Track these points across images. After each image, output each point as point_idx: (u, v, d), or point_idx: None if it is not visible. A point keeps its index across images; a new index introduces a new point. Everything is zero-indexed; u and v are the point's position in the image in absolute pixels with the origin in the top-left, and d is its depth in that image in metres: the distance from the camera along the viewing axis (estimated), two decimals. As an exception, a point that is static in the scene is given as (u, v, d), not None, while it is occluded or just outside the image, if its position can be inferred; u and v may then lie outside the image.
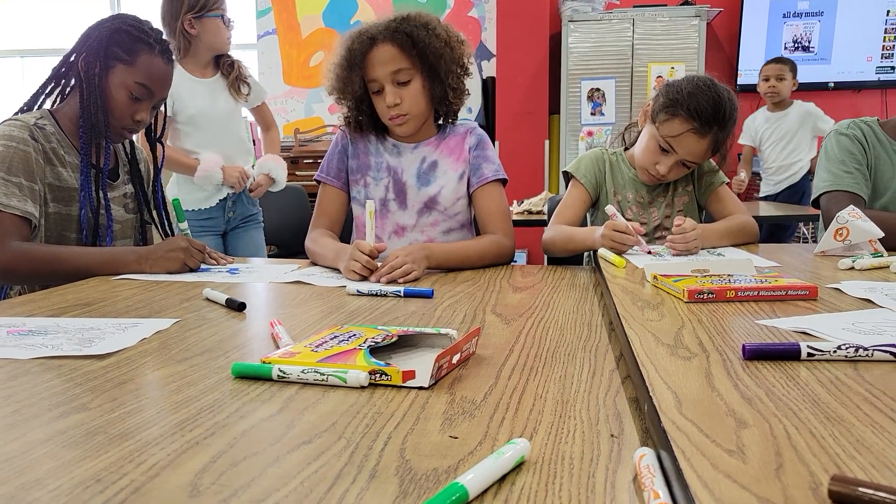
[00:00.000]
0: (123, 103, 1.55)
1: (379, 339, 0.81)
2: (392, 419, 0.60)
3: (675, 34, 4.47)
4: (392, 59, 1.55)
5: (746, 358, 0.68)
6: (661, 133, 1.63)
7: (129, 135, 1.63)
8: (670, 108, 1.62)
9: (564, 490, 0.47)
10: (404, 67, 1.56)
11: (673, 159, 1.65)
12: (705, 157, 1.67)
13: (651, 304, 0.97)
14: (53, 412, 0.63)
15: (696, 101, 1.58)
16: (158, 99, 1.60)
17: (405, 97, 1.58)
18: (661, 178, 1.69)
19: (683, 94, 1.60)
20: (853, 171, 1.70)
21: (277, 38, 5.28)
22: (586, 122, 4.64)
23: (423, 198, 1.67)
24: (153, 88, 1.56)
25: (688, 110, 1.58)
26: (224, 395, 0.67)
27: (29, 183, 1.45)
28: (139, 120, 1.57)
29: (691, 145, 1.61)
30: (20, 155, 1.45)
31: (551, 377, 0.72)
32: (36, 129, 1.49)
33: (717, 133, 1.61)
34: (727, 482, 0.42)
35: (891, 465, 0.44)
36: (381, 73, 1.56)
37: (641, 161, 1.71)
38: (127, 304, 1.16)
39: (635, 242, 1.48)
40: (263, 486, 0.48)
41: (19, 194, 1.43)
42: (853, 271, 1.23)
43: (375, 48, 1.56)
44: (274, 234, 3.10)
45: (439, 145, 1.69)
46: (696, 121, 1.58)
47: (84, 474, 0.50)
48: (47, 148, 1.51)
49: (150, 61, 1.55)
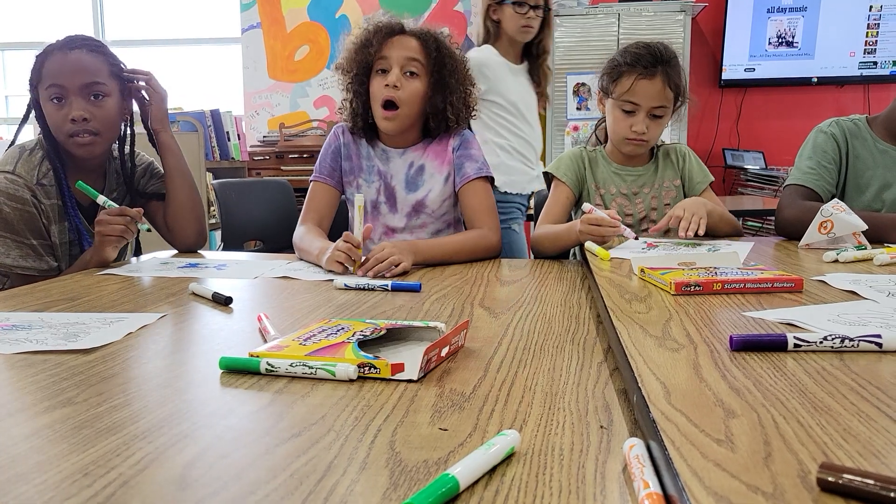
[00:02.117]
0: (53, 114, 1.51)
1: (367, 333, 0.80)
2: (381, 412, 0.60)
3: (661, 29, 4.48)
4: (411, 49, 1.60)
5: (734, 349, 0.68)
6: (616, 96, 1.68)
7: (81, 139, 1.52)
8: (613, 72, 1.69)
9: (555, 480, 0.47)
10: (419, 61, 1.60)
11: (641, 114, 1.67)
12: (668, 99, 1.68)
13: (638, 296, 0.97)
14: (38, 407, 0.62)
15: (628, 54, 1.66)
16: (83, 86, 1.51)
17: (406, 87, 1.60)
18: (642, 138, 1.69)
19: (617, 55, 1.70)
20: (815, 168, 1.74)
21: (262, 32, 5.24)
22: (572, 116, 4.65)
23: (411, 201, 1.69)
24: (63, 82, 1.50)
25: (627, 64, 1.65)
26: (212, 389, 0.67)
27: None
28: (74, 118, 1.50)
29: (647, 89, 1.65)
30: (25, 216, 1.50)
31: (540, 370, 0.72)
32: (38, 189, 1.52)
33: (667, 70, 1.65)
34: (716, 471, 0.42)
35: (877, 453, 0.44)
36: (396, 54, 1.59)
37: (617, 133, 1.72)
38: (112, 298, 1.15)
39: (614, 231, 1.48)
40: (253, 478, 0.48)
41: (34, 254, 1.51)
42: (837, 264, 1.24)
43: (400, 35, 1.61)
44: (259, 229, 3.08)
45: (426, 149, 1.71)
46: (639, 65, 1.64)
47: (71, 468, 0.49)
48: (47, 206, 1.53)
49: (51, 63, 1.51)
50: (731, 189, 4.48)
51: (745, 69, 4.70)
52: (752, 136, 4.75)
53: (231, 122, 4.28)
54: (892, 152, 1.70)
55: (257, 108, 5.29)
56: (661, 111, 1.68)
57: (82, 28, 5.33)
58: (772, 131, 4.68)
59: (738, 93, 4.39)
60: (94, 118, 1.51)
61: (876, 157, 1.71)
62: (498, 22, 2.42)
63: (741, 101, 4.30)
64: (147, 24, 5.59)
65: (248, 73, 5.28)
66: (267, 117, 5.27)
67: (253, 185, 3.32)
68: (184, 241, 1.71)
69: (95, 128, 1.52)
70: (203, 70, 5.64)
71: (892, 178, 1.68)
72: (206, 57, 5.65)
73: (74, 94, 1.50)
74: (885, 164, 1.70)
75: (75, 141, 1.51)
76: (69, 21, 5.25)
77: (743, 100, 4.28)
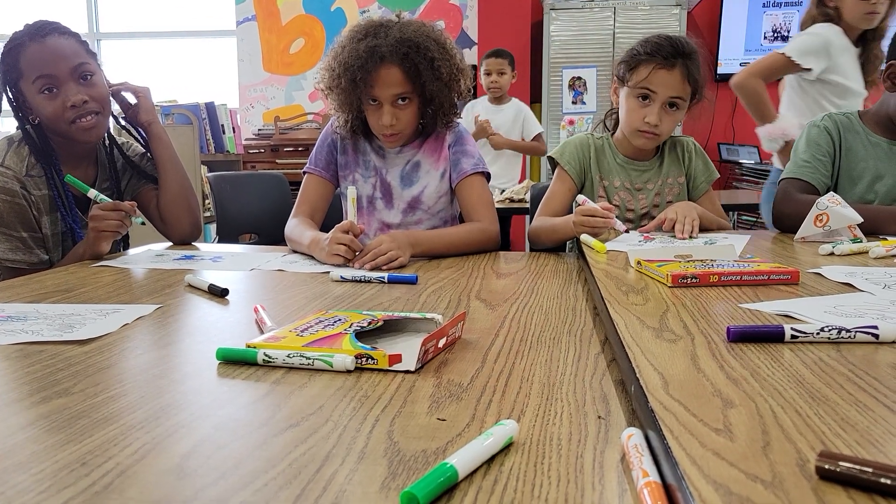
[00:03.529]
0: (47, 105, 1.49)
1: (365, 324, 0.80)
2: (379, 402, 0.60)
3: (657, 23, 4.48)
4: (396, 83, 1.55)
5: (731, 340, 0.68)
6: (633, 84, 1.66)
7: (86, 122, 1.52)
8: (631, 60, 1.67)
9: (553, 470, 0.47)
10: (406, 92, 1.57)
11: (657, 104, 1.64)
12: (686, 92, 1.66)
13: (635, 288, 0.98)
14: (35, 397, 0.62)
15: (650, 43, 1.65)
16: (71, 71, 1.50)
17: (401, 117, 1.59)
18: (655, 131, 1.66)
19: (637, 45, 1.68)
20: (811, 161, 1.75)
21: (257, 25, 5.22)
22: (568, 110, 4.65)
23: (407, 198, 1.69)
24: (51, 71, 1.48)
25: (647, 53, 1.64)
26: (209, 380, 0.67)
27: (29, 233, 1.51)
28: (74, 104, 1.49)
29: (665, 79, 1.63)
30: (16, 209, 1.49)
31: (537, 361, 0.72)
32: (28, 180, 1.51)
33: (686, 63, 1.63)
34: (715, 460, 0.42)
35: (875, 442, 0.44)
36: (384, 94, 1.56)
37: (629, 123, 1.70)
38: (107, 290, 1.14)
39: (606, 223, 1.47)
40: (250, 468, 0.47)
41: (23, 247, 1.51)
42: (833, 257, 1.24)
43: (382, 68, 1.54)
44: (254, 222, 3.08)
45: (422, 146, 1.71)
46: (658, 55, 1.62)
47: (68, 458, 0.49)
48: (38, 197, 1.53)
49: (29, 55, 1.48)
50: (726, 184, 4.49)
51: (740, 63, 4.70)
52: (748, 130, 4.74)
53: (226, 115, 4.26)
54: (883, 144, 1.73)
55: (252, 102, 5.27)
56: (677, 101, 1.66)
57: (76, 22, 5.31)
58: (767, 126, 4.68)
59: (734, 87, 4.39)
60: (91, 98, 1.51)
61: (868, 150, 1.73)
62: (835, 8, 2.31)
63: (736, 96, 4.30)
64: (141, 17, 5.57)
65: (243, 65, 5.26)
66: (262, 110, 5.26)
67: (248, 179, 3.32)
68: (178, 233, 1.71)
69: (95, 108, 1.52)
70: (198, 63, 5.62)
71: (885, 170, 1.70)
72: (200, 50, 5.63)
73: (66, 80, 1.49)
74: (877, 156, 1.72)
75: (79, 126, 1.51)
76: (63, 13, 5.23)
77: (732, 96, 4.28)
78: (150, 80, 1.91)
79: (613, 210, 1.51)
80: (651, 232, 1.58)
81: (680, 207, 1.58)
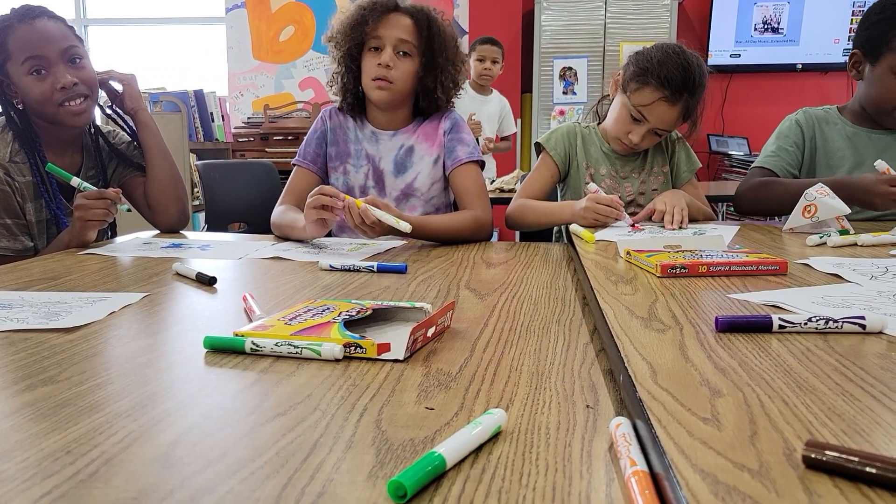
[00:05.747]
0: (35, 87, 1.47)
1: (353, 313, 0.80)
2: (367, 391, 0.60)
3: (647, 14, 4.48)
4: (404, 29, 1.59)
5: (719, 330, 0.69)
6: (632, 102, 1.64)
7: (75, 105, 1.51)
8: (641, 77, 1.62)
9: (541, 459, 0.47)
10: (411, 41, 1.59)
11: (645, 128, 1.66)
12: (676, 125, 1.69)
13: (624, 278, 0.98)
14: (20, 385, 0.62)
15: (665, 69, 1.59)
16: (61, 53, 1.49)
17: (399, 66, 1.60)
18: (633, 146, 1.70)
19: (653, 62, 1.60)
20: (776, 151, 1.83)
21: (246, 12, 5.18)
22: (558, 100, 4.65)
23: (400, 185, 1.69)
24: (41, 52, 1.47)
25: (658, 79, 1.59)
26: (196, 368, 0.67)
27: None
28: (63, 86, 1.48)
29: (663, 113, 1.63)
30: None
31: (526, 350, 0.72)
32: (11, 166, 1.49)
33: (688, 100, 1.63)
34: (703, 449, 0.42)
35: (861, 432, 0.44)
36: (389, 34, 1.59)
37: (614, 131, 1.72)
38: (94, 278, 1.14)
39: (618, 216, 1.50)
40: (238, 456, 0.47)
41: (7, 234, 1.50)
42: (821, 247, 1.25)
43: (393, 14, 1.60)
44: (243, 212, 3.07)
45: (416, 131, 1.71)
46: (667, 89, 1.59)
47: (53, 446, 0.49)
48: (22, 183, 1.51)
49: (18, 37, 1.47)
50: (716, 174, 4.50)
51: (730, 55, 4.72)
52: (737, 121, 4.78)
53: (215, 103, 4.24)
54: (862, 134, 1.80)
55: (241, 90, 5.24)
56: (664, 133, 1.70)
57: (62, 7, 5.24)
58: (756, 117, 4.71)
59: (723, 78, 4.40)
60: (81, 81, 1.50)
61: (846, 140, 1.82)
62: None
63: (726, 87, 4.32)
64: (129, 3, 5.51)
65: (233, 53, 5.23)
66: (251, 98, 5.22)
67: (237, 167, 3.30)
68: (166, 221, 1.70)
69: (85, 91, 1.52)
70: (186, 50, 5.58)
71: (866, 156, 1.78)
72: (189, 36, 5.58)
73: (55, 62, 1.48)
74: (857, 145, 1.80)
75: (68, 109, 1.50)
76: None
77: (728, 85, 4.30)
78: (138, 66, 1.90)
79: (622, 204, 1.52)
80: (640, 222, 1.58)
81: (669, 197, 1.59)
